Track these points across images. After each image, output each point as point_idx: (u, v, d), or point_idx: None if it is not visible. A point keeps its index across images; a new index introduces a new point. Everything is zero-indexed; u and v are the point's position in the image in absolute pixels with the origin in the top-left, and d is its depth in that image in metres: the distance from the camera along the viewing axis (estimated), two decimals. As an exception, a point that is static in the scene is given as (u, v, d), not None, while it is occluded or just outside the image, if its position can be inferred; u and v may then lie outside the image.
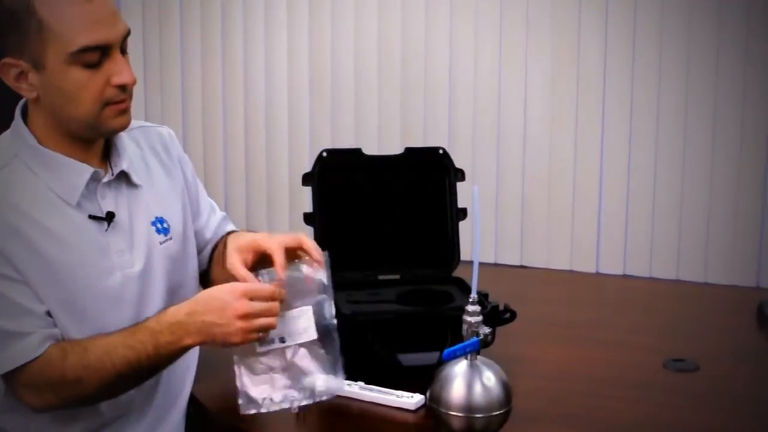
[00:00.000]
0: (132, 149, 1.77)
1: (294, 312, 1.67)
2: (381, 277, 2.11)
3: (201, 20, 3.67)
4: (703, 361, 2.00)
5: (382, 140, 3.47)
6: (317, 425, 1.79)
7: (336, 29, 3.50)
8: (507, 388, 1.58)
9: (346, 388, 1.76)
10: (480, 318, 1.58)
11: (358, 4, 3.47)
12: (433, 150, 2.15)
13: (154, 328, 1.62)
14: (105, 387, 1.63)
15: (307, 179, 2.10)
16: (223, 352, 1.66)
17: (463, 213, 2.12)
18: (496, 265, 3.25)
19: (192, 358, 1.83)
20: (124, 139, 1.75)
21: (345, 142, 3.48)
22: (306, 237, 1.72)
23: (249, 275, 1.68)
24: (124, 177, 1.73)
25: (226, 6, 3.63)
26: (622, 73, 3.21)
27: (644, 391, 1.88)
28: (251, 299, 1.61)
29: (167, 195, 1.80)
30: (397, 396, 1.78)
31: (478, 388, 1.56)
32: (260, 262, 1.73)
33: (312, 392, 1.68)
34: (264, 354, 1.67)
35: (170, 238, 1.77)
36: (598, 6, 3.20)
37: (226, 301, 1.60)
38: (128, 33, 1.65)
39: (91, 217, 1.68)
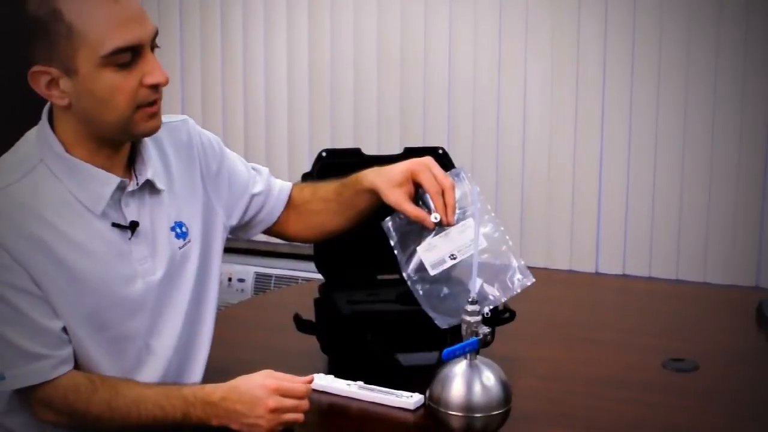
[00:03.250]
0: (155, 154, 1.75)
1: (458, 227, 1.68)
2: (381, 277, 2.11)
3: (200, 21, 3.68)
4: (702, 361, 2.00)
5: (381, 140, 3.48)
6: (317, 425, 1.79)
7: (335, 29, 3.51)
8: (506, 388, 1.58)
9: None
10: (479, 318, 1.58)
11: (358, 4, 3.47)
12: (433, 150, 2.14)
13: (188, 398, 1.65)
14: (122, 429, 1.66)
15: (306, 179, 2.10)
16: (226, 356, 1.67)
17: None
18: (495, 265, 3.25)
19: (199, 372, 1.84)
20: (149, 145, 1.73)
21: (344, 142, 3.49)
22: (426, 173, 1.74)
23: (419, 211, 1.72)
24: (147, 184, 1.72)
25: (225, 6, 3.64)
26: (622, 73, 3.21)
27: (643, 391, 1.88)
28: (283, 395, 1.64)
29: (186, 197, 1.78)
30: (397, 396, 1.79)
31: (477, 388, 1.56)
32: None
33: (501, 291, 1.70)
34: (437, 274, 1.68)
35: (189, 241, 1.77)
36: (597, 6, 3.20)
37: (258, 397, 1.63)
38: (157, 33, 1.64)
39: (115, 225, 1.67)
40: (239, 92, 3.67)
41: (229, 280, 3.65)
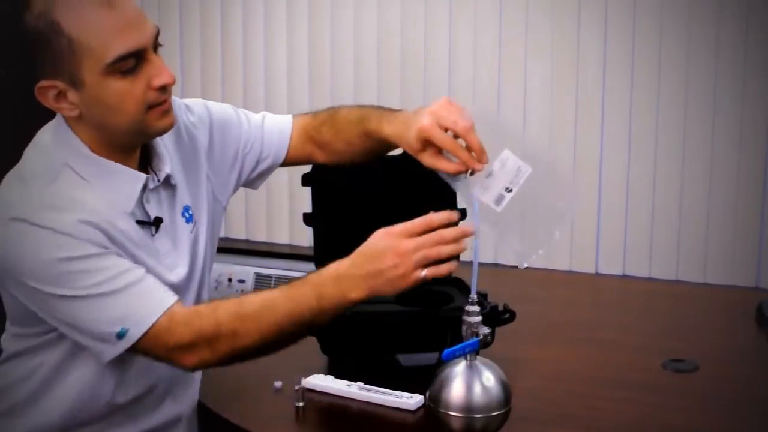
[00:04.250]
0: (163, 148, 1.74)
1: (497, 163, 1.63)
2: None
3: (200, 20, 3.68)
4: (702, 362, 2.00)
5: (381, 140, 3.47)
6: (317, 425, 1.80)
7: (335, 30, 3.51)
8: (506, 389, 1.58)
9: None
10: (479, 318, 1.58)
11: (358, 5, 3.47)
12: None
13: (316, 280, 1.59)
14: (262, 340, 1.60)
15: (306, 179, 2.10)
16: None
17: (462, 213, 2.12)
18: (495, 265, 3.25)
19: (191, 387, 1.83)
20: (159, 141, 1.73)
21: (345, 142, 3.48)
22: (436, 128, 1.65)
23: (454, 165, 1.64)
24: (164, 179, 1.72)
25: (225, 6, 3.64)
26: (622, 74, 3.21)
27: (643, 391, 1.88)
28: (409, 236, 1.56)
29: (186, 179, 1.78)
30: (397, 396, 1.79)
31: (477, 389, 1.56)
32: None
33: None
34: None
35: (195, 223, 1.78)
36: (598, 6, 3.20)
37: (389, 246, 1.55)
38: (158, 32, 1.63)
39: (140, 222, 1.67)
40: (239, 92, 3.67)
41: (229, 280, 3.65)
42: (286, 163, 1.94)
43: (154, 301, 1.59)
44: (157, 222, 1.69)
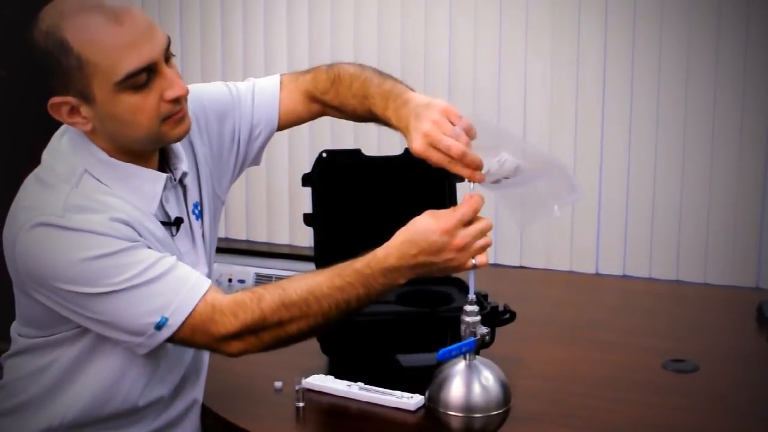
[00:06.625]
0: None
1: (494, 166, 1.61)
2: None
3: (200, 21, 3.68)
4: (702, 362, 2.00)
5: (381, 141, 3.47)
6: (317, 425, 1.80)
7: (335, 30, 3.51)
8: (506, 388, 1.58)
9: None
10: (478, 318, 1.58)
11: (358, 5, 3.47)
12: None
13: (364, 271, 1.59)
14: (308, 327, 1.61)
15: (306, 180, 2.10)
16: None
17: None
18: (495, 265, 3.25)
19: (203, 371, 1.84)
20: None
21: (345, 142, 3.48)
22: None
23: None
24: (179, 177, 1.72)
25: (225, 6, 3.64)
26: (622, 74, 3.21)
27: (643, 391, 1.89)
28: (463, 226, 1.56)
29: (192, 176, 1.77)
30: (397, 397, 1.79)
31: (476, 389, 1.56)
32: None
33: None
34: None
35: (202, 219, 1.78)
36: (598, 6, 3.20)
37: (446, 242, 1.55)
38: (169, 42, 1.61)
39: (164, 223, 1.67)
40: (239, 93, 3.67)
41: (230, 281, 3.65)
42: (291, 124, 1.91)
43: (189, 287, 1.58)
44: (178, 222, 1.69)
